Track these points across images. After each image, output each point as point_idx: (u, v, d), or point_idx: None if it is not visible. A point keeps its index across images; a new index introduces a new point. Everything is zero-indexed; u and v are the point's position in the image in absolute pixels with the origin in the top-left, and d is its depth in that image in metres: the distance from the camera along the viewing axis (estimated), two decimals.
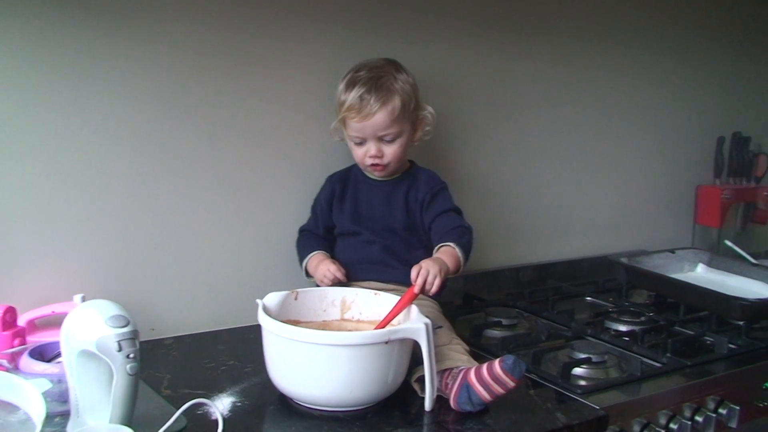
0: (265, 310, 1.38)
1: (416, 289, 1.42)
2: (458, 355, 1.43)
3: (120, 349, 1.10)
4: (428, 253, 1.62)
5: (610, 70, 2.27)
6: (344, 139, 1.69)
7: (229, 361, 1.53)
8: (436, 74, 1.90)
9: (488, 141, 2.07)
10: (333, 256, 1.70)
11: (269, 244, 1.77)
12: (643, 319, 1.84)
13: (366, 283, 1.61)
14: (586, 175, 2.28)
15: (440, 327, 1.49)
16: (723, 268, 2.14)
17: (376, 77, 1.61)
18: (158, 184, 1.63)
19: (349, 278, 1.64)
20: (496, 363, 1.32)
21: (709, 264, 2.17)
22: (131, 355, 1.11)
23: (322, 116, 1.74)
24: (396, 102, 1.60)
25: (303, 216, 1.77)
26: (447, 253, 1.55)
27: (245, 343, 1.62)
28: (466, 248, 1.58)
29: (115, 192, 1.58)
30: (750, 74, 2.64)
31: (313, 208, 1.77)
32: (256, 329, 1.37)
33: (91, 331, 1.11)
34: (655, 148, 2.41)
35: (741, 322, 1.80)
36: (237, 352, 1.57)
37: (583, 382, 1.51)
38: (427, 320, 1.32)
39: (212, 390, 1.39)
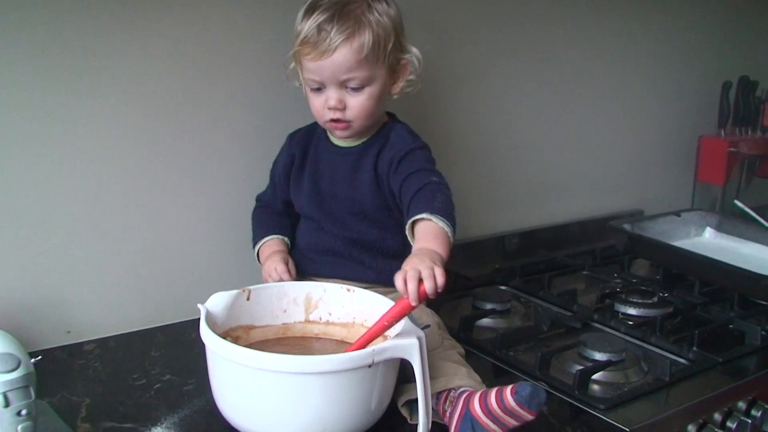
0: (209, 319, 1.07)
1: (412, 301, 1.03)
2: (454, 366, 1.14)
3: (7, 404, 0.80)
4: (404, 236, 1.32)
5: (606, 11, 1.96)
6: (303, 85, 1.34)
7: (164, 376, 1.22)
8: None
9: (469, 92, 1.74)
10: (292, 241, 1.39)
11: (210, 222, 1.44)
12: (655, 299, 1.58)
13: (329, 281, 1.29)
14: (576, 128, 1.97)
15: (428, 326, 1.19)
16: (734, 233, 1.89)
17: (343, 3, 1.24)
18: (69, 155, 1.28)
19: (310, 272, 1.34)
20: (508, 392, 1.02)
21: (718, 228, 1.91)
22: (23, 412, 0.80)
23: (276, 60, 1.38)
24: (365, 37, 1.23)
25: (254, 187, 1.44)
26: (427, 233, 1.16)
27: (184, 348, 1.31)
28: (446, 213, 1.17)
29: (16, 169, 1.24)
30: (759, 12, 2.34)
31: (272, 174, 1.43)
32: (196, 326, 1.07)
33: None
34: (653, 95, 2.12)
35: None
36: (174, 362, 1.26)
37: (598, 388, 1.26)
38: (421, 333, 1.03)
39: (143, 421, 1.09)
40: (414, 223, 1.19)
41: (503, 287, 1.66)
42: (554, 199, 1.97)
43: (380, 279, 1.31)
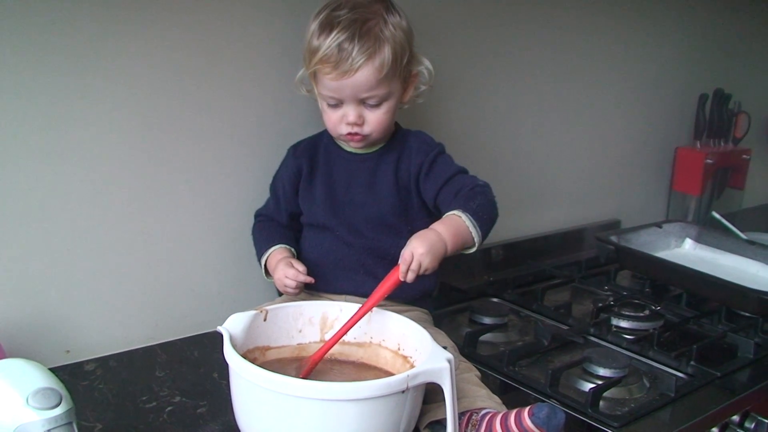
0: (231, 340, 1.04)
1: (400, 275, 1.13)
2: (475, 389, 1.15)
3: None
4: None
5: (587, 27, 1.97)
6: (312, 92, 1.32)
7: (174, 398, 1.18)
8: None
9: (450, 105, 1.72)
10: (298, 252, 1.36)
11: (209, 237, 1.40)
12: (647, 312, 1.59)
13: (340, 297, 1.28)
14: (556, 140, 1.98)
15: (444, 348, 1.19)
16: (713, 244, 1.92)
17: (361, 20, 1.22)
18: (67, 172, 1.23)
19: (320, 288, 1.31)
20: (525, 414, 1.03)
21: (698, 240, 1.94)
22: None
23: (282, 67, 1.36)
24: (385, 54, 1.23)
25: (255, 200, 1.42)
26: (446, 221, 1.19)
27: (189, 367, 1.28)
28: (478, 214, 1.20)
29: (13, 187, 1.19)
30: (734, 26, 2.39)
31: (273, 189, 1.40)
32: (198, 343, 1.05)
33: (5, 413, 0.75)
34: (631, 107, 2.14)
35: (758, 317, 1.58)
36: (182, 383, 1.23)
37: (604, 404, 1.26)
38: (450, 356, 1.02)
39: None
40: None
41: (496, 299, 1.66)
42: (536, 210, 1.98)
43: (394, 294, 1.30)
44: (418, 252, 1.12)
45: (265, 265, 1.35)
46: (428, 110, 1.65)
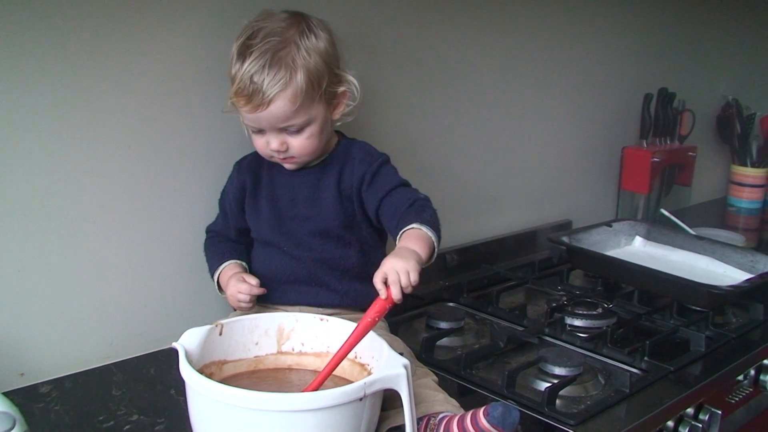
0: (187, 356, 1.04)
1: (395, 295, 1.06)
2: (432, 393, 1.16)
3: None
4: (364, 252, 1.32)
5: (530, 28, 1.99)
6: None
7: (132, 416, 1.17)
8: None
9: (399, 112, 1.73)
10: (249, 265, 1.36)
11: (163, 253, 1.40)
12: (600, 311, 1.62)
13: (294, 308, 1.29)
14: (505, 143, 2.00)
15: (401, 354, 1.19)
16: (662, 241, 1.95)
17: (272, 50, 1.20)
18: (17, 189, 1.22)
19: (273, 301, 1.32)
20: (481, 414, 1.05)
21: (647, 237, 1.97)
22: None
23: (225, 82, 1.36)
24: (299, 83, 1.20)
25: (209, 216, 1.42)
26: (410, 237, 1.17)
27: (146, 385, 1.27)
28: (433, 224, 1.20)
29: None
30: (676, 26, 2.44)
31: (221, 205, 1.40)
32: (155, 360, 1.04)
33: None
34: (577, 108, 2.17)
35: (708, 311, 1.61)
36: (139, 400, 1.22)
37: (560, 402, 1.28)
38: (406, 362, 1.03)
39: None
40: (402, 233, 1.20)
41: (452, 304, 1.67)
42: (488, 214, 2.00)
43: (345, 302, 1.32)
44: (400, 266, 1.08)
45: (218, 281, 1.35)
46: (372, 120, 1.66)
